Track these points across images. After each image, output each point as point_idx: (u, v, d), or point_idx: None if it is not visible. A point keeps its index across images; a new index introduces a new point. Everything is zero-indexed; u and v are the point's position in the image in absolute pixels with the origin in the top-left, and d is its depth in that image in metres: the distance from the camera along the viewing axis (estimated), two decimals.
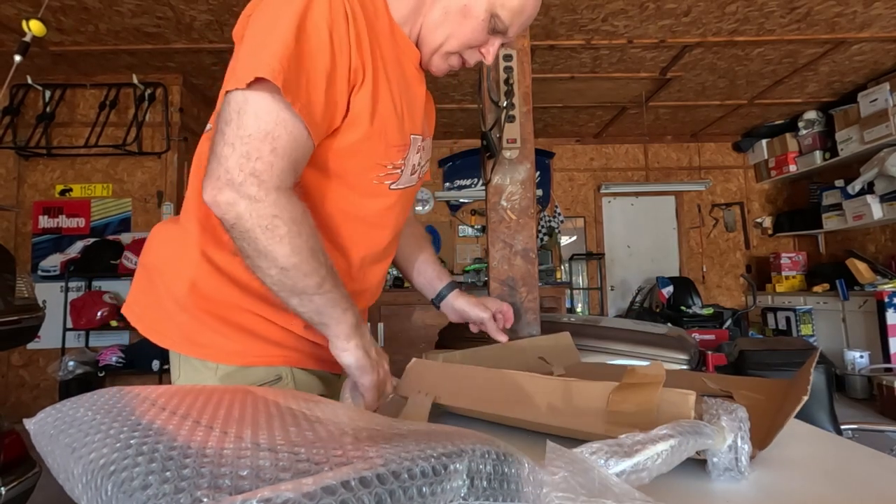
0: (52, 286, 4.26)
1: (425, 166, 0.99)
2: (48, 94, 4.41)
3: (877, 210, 4.91)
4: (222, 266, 0.82)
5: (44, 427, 0.47)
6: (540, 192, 6.23)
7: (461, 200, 6.25)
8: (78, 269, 4.21)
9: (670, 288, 5.54)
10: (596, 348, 1.65)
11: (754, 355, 1.91)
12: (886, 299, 4.40)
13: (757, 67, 4.57)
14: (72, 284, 4.28)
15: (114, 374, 4.04)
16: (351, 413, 0.52)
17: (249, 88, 0.67)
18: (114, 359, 4.05)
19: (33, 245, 4.40)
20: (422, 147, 0.93)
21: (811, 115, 5.57)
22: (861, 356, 4.52)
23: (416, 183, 0.96)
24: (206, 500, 0.29)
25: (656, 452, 0.46)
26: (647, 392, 0.59)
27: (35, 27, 2.24)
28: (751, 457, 0.55)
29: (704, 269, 6.49)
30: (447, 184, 6.32)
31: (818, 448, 0.67)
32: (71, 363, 3.96)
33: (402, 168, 0.88)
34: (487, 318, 1.16)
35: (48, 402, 0.53)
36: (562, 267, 6.26)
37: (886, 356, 4.36)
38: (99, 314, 4.11)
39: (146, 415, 0.44)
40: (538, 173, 6.13)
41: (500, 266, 1.60)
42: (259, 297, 0.81)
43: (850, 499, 0.51)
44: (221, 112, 0.70)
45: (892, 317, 4.38)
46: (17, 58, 2.32)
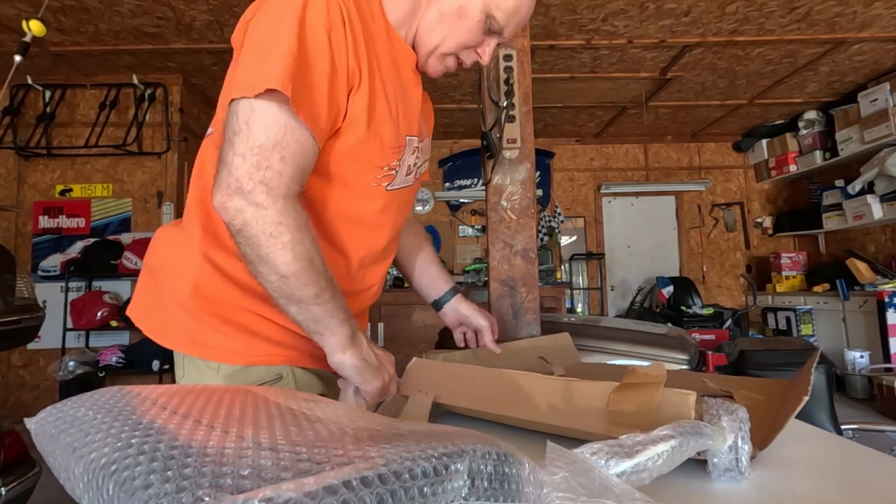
0: (53, 286, 4.26)
1: (423, 167, 0.99)
2: (48, 95, 4.41)
3: (877, 210, 4.91)
4: (224, 268, 0.83)
5: (45, 426, 0.47)
6: (540, 192, 6.23)
7: (461, 200, 6.25)
8: (78, 270, 4.20)
9: (670, 288, 5.54)
10: (596, 348, 1.65)
11: (754, 355, 1.91)
12: (887, 299, 4.40)
13: (757, 67, 4.56)
14: (72, 284, 4.28)
15: (114, 375, 4.04)
16: (351, 413, 0.52)
17: (256, 97, 0.68)
18: (114, 359, 4.05)
19: (33, 245, 4.40)
20: (418, 148, 0.93)
21: (811, 115, 5.56)
22: (861, 356, 4.52)
23: (414, 183, 0.97)
24: (208, 500, 0.29)
25: (657, 453, 0.46)
26: (648, 392, 0.59)
27: (35, 27, 2.24)
28: (751, 457, 0.55)
29: (704, 269, 6.48)
30: (447, 184, 6.32)
31: (818, 448, 0.67)
32: (71, 363, 3.96)
33: (398, 169, 0.88)
34: (487, 328, 1.17)
35: (48, 403, 0.53)
36: (562, 267, 6.26)
37: (887, 356, 4.36)
38: (99, 314, 4.10)
39: (147, 414, 0.44)
40: (538, 173, 6.14)
41: (500, 266, 1.60)
42: (260, 298, 0.82)
43: (851, 499, 0.51)
44: (229, 121, 0.71)
45: (893, 317, 4.38)
46: (17, 58, 2.32)
